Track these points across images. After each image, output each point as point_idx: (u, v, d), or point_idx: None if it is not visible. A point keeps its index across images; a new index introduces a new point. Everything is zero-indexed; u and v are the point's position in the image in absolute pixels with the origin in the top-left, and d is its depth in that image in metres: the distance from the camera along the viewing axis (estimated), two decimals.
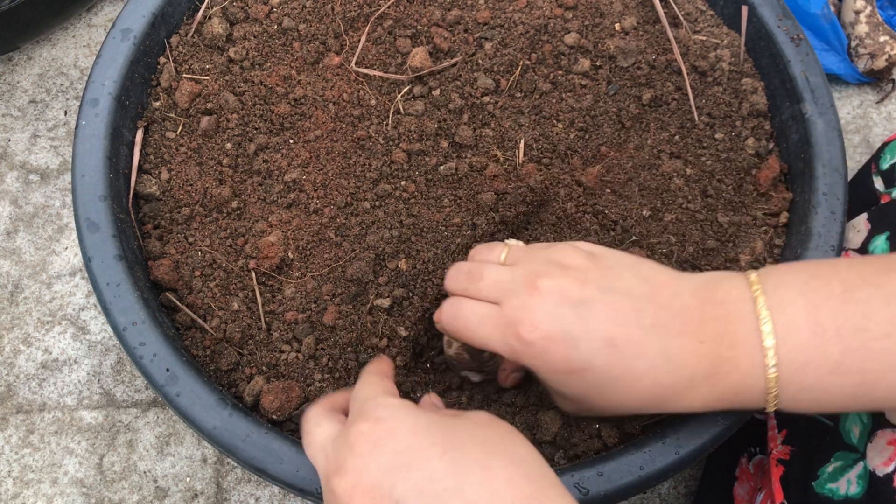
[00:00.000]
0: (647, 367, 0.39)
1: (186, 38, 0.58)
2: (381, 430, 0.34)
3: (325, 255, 0.52)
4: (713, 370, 0.39)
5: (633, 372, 0.39)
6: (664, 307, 0.40)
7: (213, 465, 0.65)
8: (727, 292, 0.40)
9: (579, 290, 0.39)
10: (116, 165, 0.53)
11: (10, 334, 0.69)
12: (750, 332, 0.38)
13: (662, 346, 0.39)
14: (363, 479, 0.33)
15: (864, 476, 0.44)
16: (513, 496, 0.32)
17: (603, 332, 0.39)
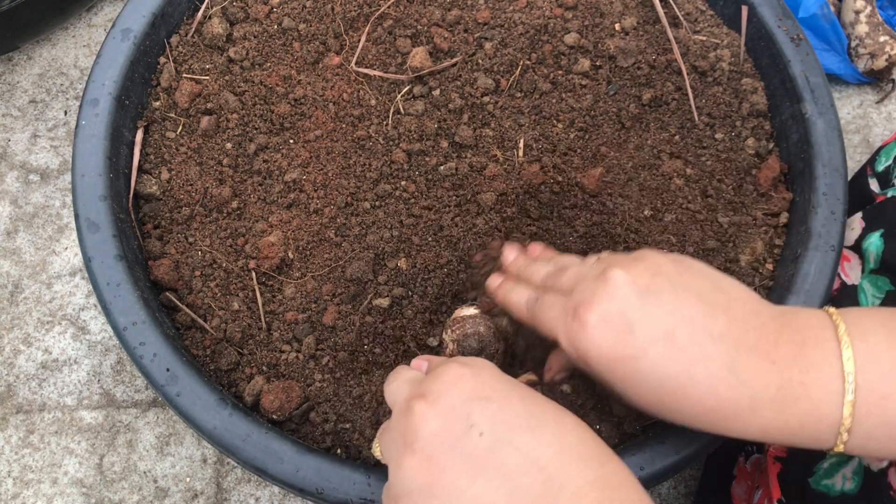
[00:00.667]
0: (707, 374, 0.36)
1: (186, 38, 0.58)
2: (467, 369, 0.36)
3: (325, 255, 0.52)
4: (781, 394, 0.36)
5: (691, 375, 0.36)
6: (738, 320, 0.37)
7: (213, 465, 0.65)
8: (807, 319, 0.38)
9: (649, 279, 0.38)
10: (116, 165, 0.53)
11: (10, 334, 0.69)
12: (828, 356, 0.36)
13: (729, 357, 0.36)
14: (441, 402, 0.34)
15: (859, 472, 0.44)
16: (582, 450, 0.33)
17: (664, 324, 0.37)
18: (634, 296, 0.37)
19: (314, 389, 0.49)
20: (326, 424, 0.48)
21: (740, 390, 0.36)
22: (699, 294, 0.38)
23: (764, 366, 0.36)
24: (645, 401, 0.38)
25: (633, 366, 0.37)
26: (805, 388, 0.36)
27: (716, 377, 0.36)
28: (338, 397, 0.49)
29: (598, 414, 0.49)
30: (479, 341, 0.49)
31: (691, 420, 0.38)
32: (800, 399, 0.36)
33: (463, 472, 0.33)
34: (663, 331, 0.37)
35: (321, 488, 0.44)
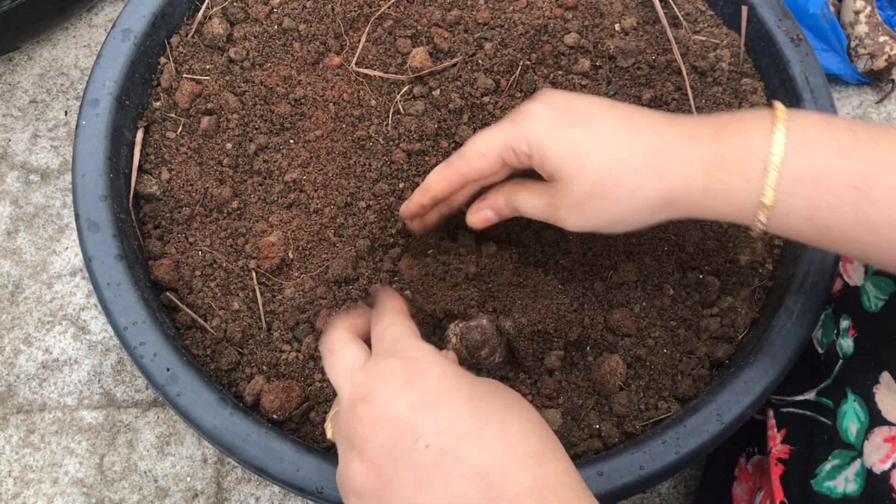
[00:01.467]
0: (649, 121, 0.41)
1: (187, 38, 0.58)
2: (413, 370, 0.35)
3: (325, 255, 0.52)
4: (717, 131, 0.40)
5: (634, 120, 0.41)
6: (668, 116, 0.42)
7: (214, 465, 0.65)
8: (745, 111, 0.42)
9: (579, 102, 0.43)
10: (117, 165, 0.53)
11: (10, 334, 0.69)
12: (761, 115, 0.40)
13: (666, 114, 0.42)
14: (389, 411, 0.34)
15: (861, 473, 0.44)
16: (524, 450, 0.33)
17: (604, 101, 0.42)
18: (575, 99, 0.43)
19: (314, 389, 0.49)
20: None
21: (680, 130, 0.41)
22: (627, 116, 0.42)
23: (701, 119, 0.42)
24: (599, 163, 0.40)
25: (584, 129, 0.41)
26: (740, 126, 0.40)
27: (656, 124, 0.41)
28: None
29: (599, 414, 0.49)
30: (483, 333, 0.49)
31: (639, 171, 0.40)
32: (735, 134, 0.40)
33: (410, 483, 0.33)
34: (605, 104, 0.42)
35: (321, 488, 0.44)
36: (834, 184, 0.37)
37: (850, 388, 0.47)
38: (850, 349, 0.49)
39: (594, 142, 0.40)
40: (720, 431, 0.46)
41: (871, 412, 0.44)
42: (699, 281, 0.52)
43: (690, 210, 0.41)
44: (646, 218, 0.42)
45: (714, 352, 0.51)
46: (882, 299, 0.48)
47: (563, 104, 0.42)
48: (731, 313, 0.52)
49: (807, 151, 0.38)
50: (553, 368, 0.49)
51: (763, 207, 0.39)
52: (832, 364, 0.50)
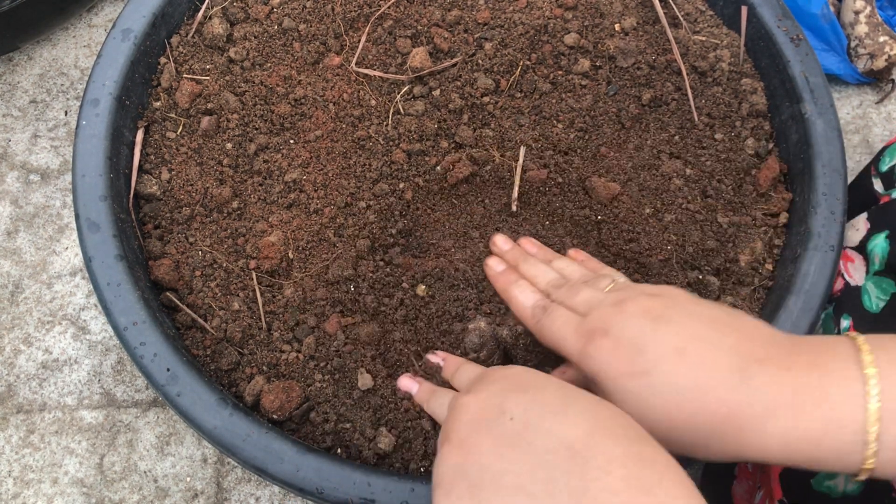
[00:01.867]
0: (717, 381, 0.35)
1: (187, 38, 0.58)
2: (504, 371, 0.38)
3: (325, 255, 0.52)
4: (798, 398, 0.34)
5: (699, 384, 0.36)
6: (750, 339, 0.37)
7: (214, 465, 0.65)
8: (825, 339, 0.37)
9: (662, 309, 0.39)
10: (117, 165, 0.53)
11: (10, 334, 0.69)
12: (847, 361, 0.34)
13: (739, 365, 0.36)
14: (483, 396, 0.36)
15: None
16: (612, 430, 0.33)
17: (674, 343, 0.37)
18: (648, 323, 0.38)
19: (314, 389, 0.49)
20: (326, 424, 0.48)
21: (752, 395, 0.35)
22: (711, 319, 0.38)
23: (777, 372, 0.35)
24: (657, 419, 0.37)
25: (643, 381, 0.37)
26: (823, 391, 0.34)
27: (726, 384, 0.35)
28: (338, 397, 0.49)
29: None
30: (480, 336, 0.49)
31: (705, 434, 0.36)
32: (819, 404, 0.34)
33: (492, 450, 0.34)
34: (673, 348, 0.37)
35: (321, 488, 0.44)
36: None
37: None
38: None
39: (653, 401, 0.37)
40: None
41: None
42: (699, 281, 0.52)
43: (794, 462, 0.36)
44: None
45: None
46: (883, 300, 0.48)
47: (630, 343, 0.38)
48: None
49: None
50: None
51: (864, 471, 0.35)
52: None
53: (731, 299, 0.52)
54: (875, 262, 0.50)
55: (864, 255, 0.51)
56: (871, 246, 0.51)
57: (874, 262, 0.50)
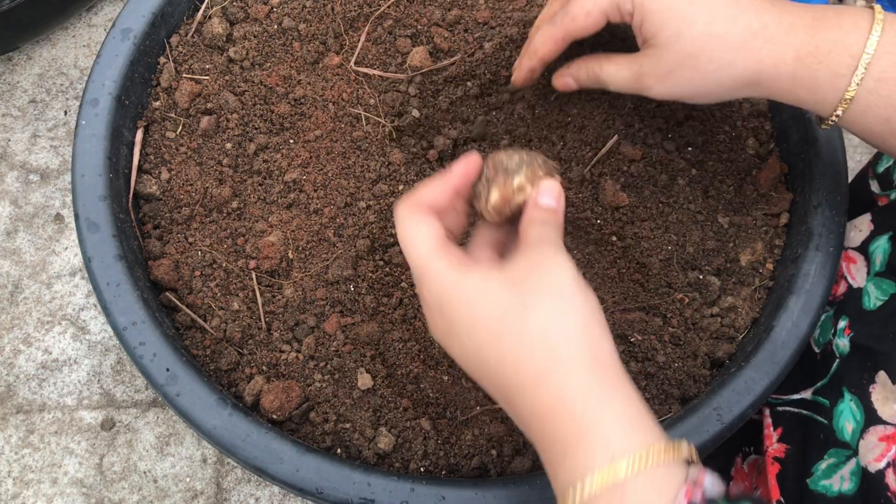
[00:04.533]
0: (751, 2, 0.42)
1: (186, 37, 0.58)
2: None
3: (325, 255, 0.52)
4: (815, 22, 0.41)
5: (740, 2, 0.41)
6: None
7: (213, 465, 0.65)
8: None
9: None
10: (116, 165, 0.53)
11: (10, 334, 0.69)
12: (863, 11, 0.41)
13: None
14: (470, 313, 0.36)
15: (856, 472, 0.44)
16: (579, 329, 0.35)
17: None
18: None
19: (314, 389, 0.49)
20: (326, 424, 0.48)
21: (782, 14, 0.42)
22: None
23: (799, 7, 0.42)
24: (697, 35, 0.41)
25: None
26: (838, 20, 0.41)
27: (760, 8, 0.42)
28: (337, 397, 0.49)
29: None
30: None
31: (735, 50, 0.41)
32: (832, 27, 0.41)
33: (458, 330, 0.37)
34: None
35: (321, 488, 0.44)
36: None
37: (847, 388, 0.47)
38: (847, 349, 0.49)
39: (695, 13, 0.41)
40: (720, 431, 0.46)
41: (866, 411, 0.45)
42: (699, 281, 0.52)
43: (773, 93, 0.43)
44: (730, 93, 0.44)
45: (714, 352, 0.51)
46: (882, 300, 0.48)
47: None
48: (731, 313, 0.52)
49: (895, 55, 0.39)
50: None
51: (844, 101, 0.41)
52: (829, 363, 0.50)
53: (731, 299, 0.52)
54: (876, 263, 0.50)
55: (865, 256, 0.51)
56: (872, 247, 0.51)
57: (875, 263, 0.50)
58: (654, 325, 0.51)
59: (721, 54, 0.42)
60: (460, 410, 0.49)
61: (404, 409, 0.49)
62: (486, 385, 0.37)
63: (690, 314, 0.51)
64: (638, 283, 0.52)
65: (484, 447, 0.48)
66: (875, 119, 0.41)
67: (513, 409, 0.36)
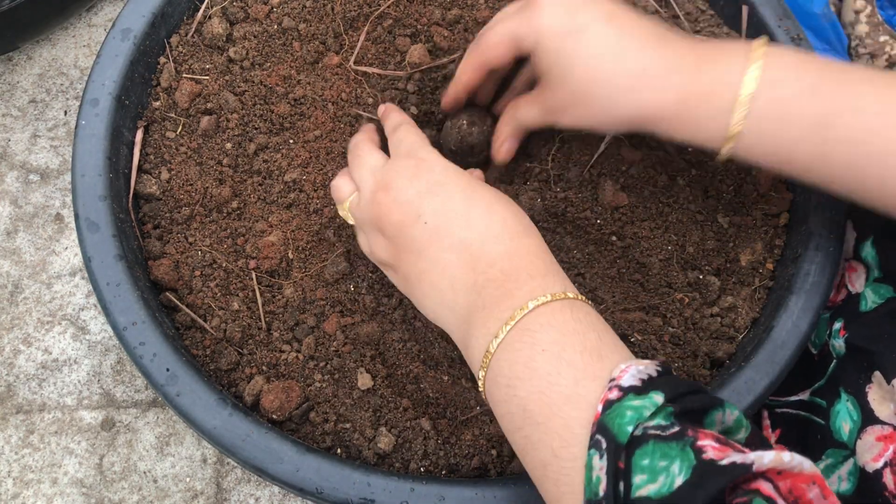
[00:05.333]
0: (635, 47, 0.43)
1: (186, 37, 0.58)
2: (422, 166, 0.44)
3: (325, 255, 0.52)
4: (698, 64, 0.42)
5: (623, 46, 0.43)
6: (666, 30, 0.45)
7: (213, 465, 0.65)
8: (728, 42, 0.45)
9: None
10: (116, 165, 0.53)
11: (10, 334, 0.69)
12: (745, 47, 0.42)
13: (657, 32, 0.44)
14: (401, 196, 0.43)
15: (854, 472, 0.44)
16: (502, 230, 0.41)
17: (605, 8, 0.44)
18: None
19: (314, 389, 0.49)
20: (326, 424, 0.48)
21: (660, 60, 0.43)
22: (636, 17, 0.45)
23: (687, 43, 0.44)
24: (579, 78, 0.44)
25: (576, 39, 0.43)
26: (720, 58, 0.42)
27: (642, 50, 0.43)
28: (337, 397, 0.49)
29: None
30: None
31: (616, 95, 0.44)
32: (715, 66, 0.42)
33: (412, 253, 0.42)
34: (604, 12, 0.44)
35: (321, 488, 0.44)
36: (796, 122, 0.41)
37: (844, 388, 0.47)
38: (843, 350, 0.49)
39: (582, 55, 0.44)
40: None
41: (863, 411, 0.45)
42: (699, 281, 0.52)
43: (662, 131, 0.44)
44: (625, 128, 0.46)
45: (714, 352, 0.51)
46: (877, 302, 0.48)
47: (566, 5, 0.45)
48: (731, 313, 0.52)
49: (775, 91, 0.41)
50: None
51: (729, 139, 0.42)
52: (825, 364, 0.50)
53: (731, 299, 0.52)
54: (874, 269, 0.50)
55: (863, 263, 0.52)
56: (863, 254, 0.51)
57: (873, 269, 0.50)
58: (654, 325, 0.51)
59: (606, 95, 0.44)
60: (460, 410, 0.49)
61: (404, 409, 0.49)
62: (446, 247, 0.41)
63: (690, 314, 0.51)
64: (638, 283, 0.52)
65: (484, 447, 0.48)
66: (764, 152, 0.42)
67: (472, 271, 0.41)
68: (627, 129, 0.46)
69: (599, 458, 0.32)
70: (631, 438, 0.32)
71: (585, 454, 0.33)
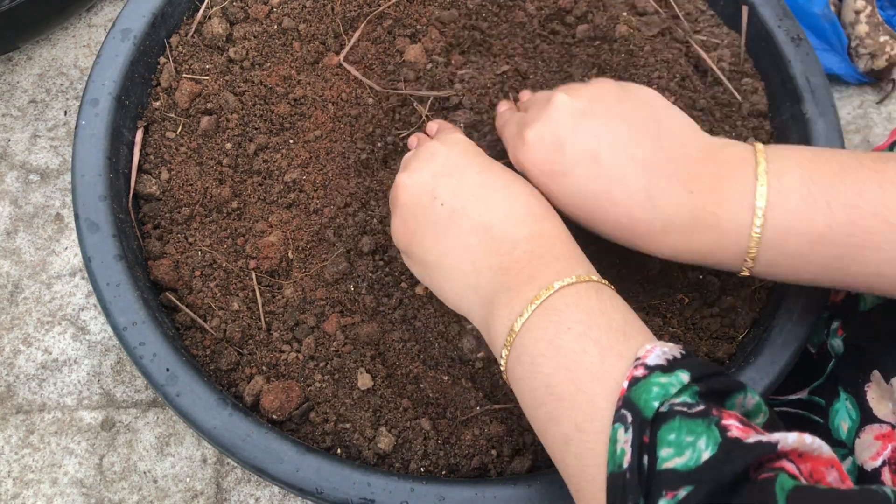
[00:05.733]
0: (625, 196, 0.41)
1: (186, 38, 0.58)
2: (440, 147, 0.44)
3: (325, 255, 0.52)
4: (693, 222, 0.40)
5: (610, 195, 0.41)
6: (663, 149, 0.41)
7: (213, 466, 0.65)
8: (731, 153, 0.41)
9: (587, 104, 0.42)
10: (116, 165, 0.53)
11: (10, 334, 0.69)
12: (743, 191, 0.39)
13: (647, 182, 0.40)
14: (415, 177, 0.43)
15: (852, 471, 0.44)
16: (524, 212, 0.41)
17: (590, 146, 0.41)
18: (569, 118, 0.41)
19: (314, 389, 0.49)
20: (326, 424, 0.48)
21: (654, 213, 0.40)
22: (631, 122, 0.41)
23: (680, 194, 0.40)
24: (573, 213, 0.43)
25: (561, 181, 0.42)
26: (716, 218, 0.40)
27: (632, 199, 0.40)
28: (337, 397, 0.49)
29: None
30: (478, 338, 0.49)
31: (611, 234, 0.43)
32: (711, 229, 0.40)
33: (428, 234, 0.42)
34: (588, 152, 0.41)
35: (321, 488, 0.44)
36: (805, 239, 0.39)
37: (843, 387, 0.47)
38: (841, 349, 0.49)
39: (568, 203, 0.43)
40: None
41: (862, 410, 0.45)
42: (699, 281, 0.52)
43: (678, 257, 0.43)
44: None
45: (714, 352, 0.51)
46: (876, 301, 0.48)
47: (552, 141, 0.42)
48: (731, 313, 0.52)
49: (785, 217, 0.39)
50: None
51: (746, 269, 0.41)
52: (824, 363, 0.50)
53: (731, 299, 0.52)
54: None
55: None
56: None
57: None
58: (654, 326, 0.51)
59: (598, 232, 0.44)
60: (460, 410, 0.49)
61: (404, 409, 0.49)
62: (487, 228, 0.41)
63: (690, 314, 0.51)
64: (638, 283, 0.52)
65: (484, 447, 0.48)
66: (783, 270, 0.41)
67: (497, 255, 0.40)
68: None
69: (624, 431, 0.32)
70: (656, 414, 0.32)
71: (609, 428, 0.33)
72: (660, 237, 0.41)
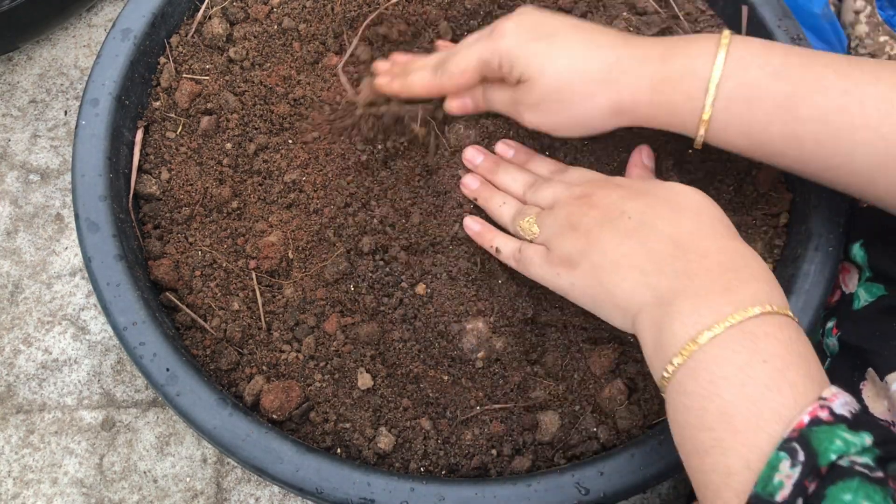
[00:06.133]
0: (607, 39, 0.46)
1: (186, 38, 0.58)
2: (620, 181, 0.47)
3: (325, 255, 0.52)
4: (666, 52, 0.44)
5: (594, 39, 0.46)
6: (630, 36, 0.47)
7: (213, 465, 0.65)
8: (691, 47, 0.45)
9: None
10: (116, 165, 0.53)
11: (10, 334, 0.69)
12: (710, 38, 0.44)
13: (625, 34, 0.47)
14: (604, 199, 0.45)
15: None
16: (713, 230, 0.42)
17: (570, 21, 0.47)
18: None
19: (314, 389, 0.49)
20: (326, 424, 0.48)
21: (630, 54, 0.45)
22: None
23: (651, 41, 0.46)
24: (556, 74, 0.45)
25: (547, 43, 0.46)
26: (687, 48, 0.44)
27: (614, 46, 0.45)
28: (337, 397, 0.49)
29: (597, 417, 0.49)
30: (478, 337, 0.49)
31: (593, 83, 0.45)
32: (682, 55, 0.44)
33: (612, 239, 0.42)
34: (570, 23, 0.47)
35: (321, 488, 0.44)
36: (765, 103, 0.42)
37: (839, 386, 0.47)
38: (836, 348, 0.49)
39: (555, 53, 0.45)
40: None
41: None
42: None
43: (638, 119, 0.46)
44: (597, 123, 0.47)
45: None
46: (869, 300, 0.49)
47: (531, 21, 0.47)
48: None
49: (743, 73, 0.42)
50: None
51: (702, 122, 0.44)
52: (821, 362, 0.50)
53: None
54: (865, 270, 0.50)
55: (856, 265, 0.52)
56: (853, 255, 0.51)
57: (864, 270, 0.51)
58: None
59: (583, 87, 0.45)
60: (460, 410, 0.49)
61: (404, 409, 0.49)
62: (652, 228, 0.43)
63: None
64: None
65: (484, 447, 0.48)
66: (736, 135, 0.44)
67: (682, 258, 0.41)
68: (599, 124, 0.47)
69: (790, 466, 0.31)
70: (831, 466, 0.31)
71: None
72: (641, 65, 0.44)
